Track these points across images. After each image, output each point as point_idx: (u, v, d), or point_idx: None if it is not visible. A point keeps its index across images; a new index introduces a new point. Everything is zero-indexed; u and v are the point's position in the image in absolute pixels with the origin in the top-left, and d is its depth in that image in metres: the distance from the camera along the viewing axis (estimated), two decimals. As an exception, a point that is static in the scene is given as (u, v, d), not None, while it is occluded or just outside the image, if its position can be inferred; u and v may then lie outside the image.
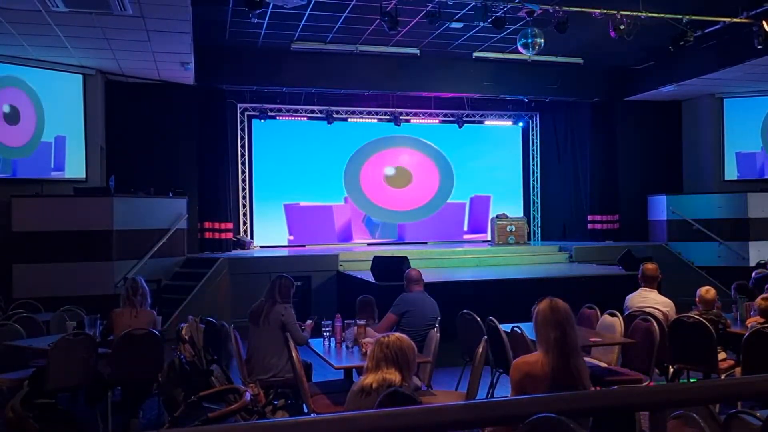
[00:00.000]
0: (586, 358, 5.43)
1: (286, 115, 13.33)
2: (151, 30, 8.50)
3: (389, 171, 13.09)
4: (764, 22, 8.97)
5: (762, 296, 5.37)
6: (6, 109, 9.64)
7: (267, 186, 13.18)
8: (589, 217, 13.61)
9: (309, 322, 5.58)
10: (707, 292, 5.70)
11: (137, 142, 11.34)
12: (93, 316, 5.73)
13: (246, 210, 12.99)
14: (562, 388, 3.10)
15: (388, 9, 8.72)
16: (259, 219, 13.13)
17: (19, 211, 9.07)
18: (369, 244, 13.50)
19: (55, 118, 10.18)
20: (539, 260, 12.24)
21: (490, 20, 8.80)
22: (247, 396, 2.98)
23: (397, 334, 3.29)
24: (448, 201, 14.20)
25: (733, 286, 6.98)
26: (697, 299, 5.75)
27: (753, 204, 12.26)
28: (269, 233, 13.15)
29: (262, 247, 12.85)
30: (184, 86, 11.35)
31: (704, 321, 5.25)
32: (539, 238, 14.64)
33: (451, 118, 14.18)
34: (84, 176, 10.42)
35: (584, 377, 3.25)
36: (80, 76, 10.42)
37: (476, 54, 12.11)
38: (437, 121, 14.23)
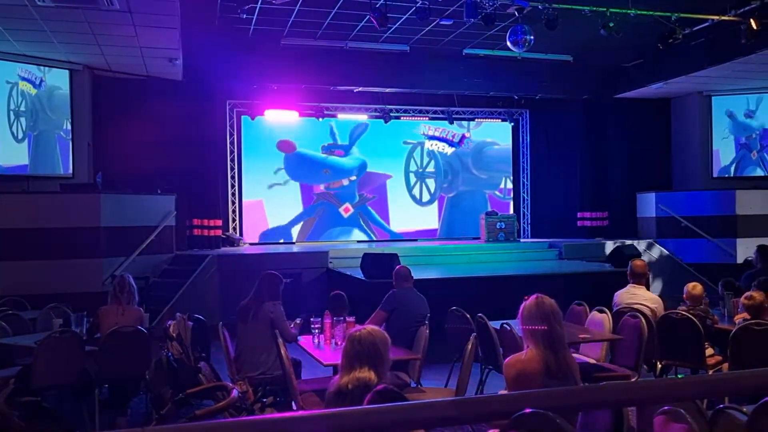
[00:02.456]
0: (575, 354, 5.46)
1: (275, 110, 13.25)
2: (139, 25, 8.42)
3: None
4: (752, 20, 9.02)
5: (745, 295, 5.40)
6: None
7: (256, 183, 13.13)
8: (579, 214, 13.66)
9: (298, 320, 5.56)
10: (694, 287, 5.73)
11: (125, 139, 11.22)
12: (80, 314, 5.69)
13: (235, 207, 12.92)
14: (556, 381, 3.10)
15: (377, 5, 8.71)
16: (248, 216, 13.07)
17: (4, 208, 8.97)
18: (359, 242, 13.49)
19: (44, 114, 10.08)
20: (529, 257, 12.26)
21: (479, 17, 8.79)
22: (235, 393, 2.96)
23: (370, 327, 3.16)
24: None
25: (720, 282, 7.03)
26: (684, 295, 5.78)
27: (741, 201, 12.33)
28: (259, 230, 13.11)
29: (251, 244, 12.80)
30: (172, 82, 11.26)
31: (692, 317, 5.28)
32: (529, 235, 14.67)
33: (441, 115, 14.17)
34: (71, 173, 10.32)
35: (575, 370, 3.26)
36: (67, 72, 10.33)
37: (466, 51, 12.10)
38: (427, 118, 14.22)
